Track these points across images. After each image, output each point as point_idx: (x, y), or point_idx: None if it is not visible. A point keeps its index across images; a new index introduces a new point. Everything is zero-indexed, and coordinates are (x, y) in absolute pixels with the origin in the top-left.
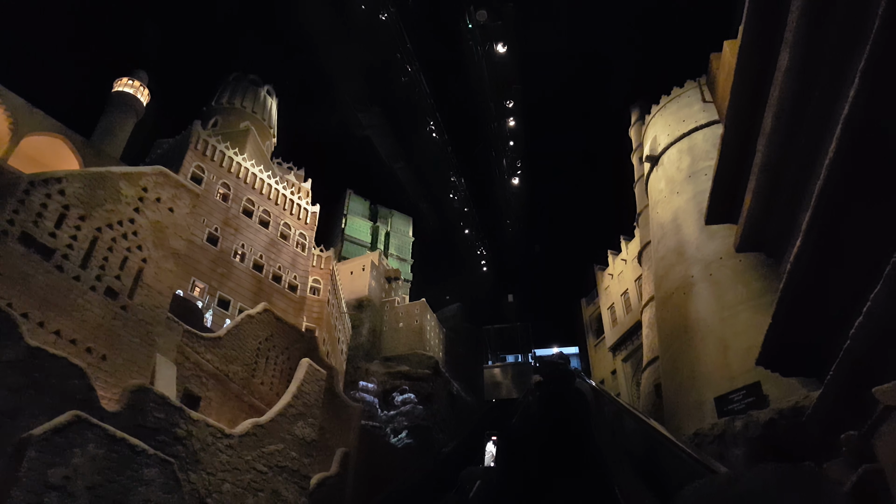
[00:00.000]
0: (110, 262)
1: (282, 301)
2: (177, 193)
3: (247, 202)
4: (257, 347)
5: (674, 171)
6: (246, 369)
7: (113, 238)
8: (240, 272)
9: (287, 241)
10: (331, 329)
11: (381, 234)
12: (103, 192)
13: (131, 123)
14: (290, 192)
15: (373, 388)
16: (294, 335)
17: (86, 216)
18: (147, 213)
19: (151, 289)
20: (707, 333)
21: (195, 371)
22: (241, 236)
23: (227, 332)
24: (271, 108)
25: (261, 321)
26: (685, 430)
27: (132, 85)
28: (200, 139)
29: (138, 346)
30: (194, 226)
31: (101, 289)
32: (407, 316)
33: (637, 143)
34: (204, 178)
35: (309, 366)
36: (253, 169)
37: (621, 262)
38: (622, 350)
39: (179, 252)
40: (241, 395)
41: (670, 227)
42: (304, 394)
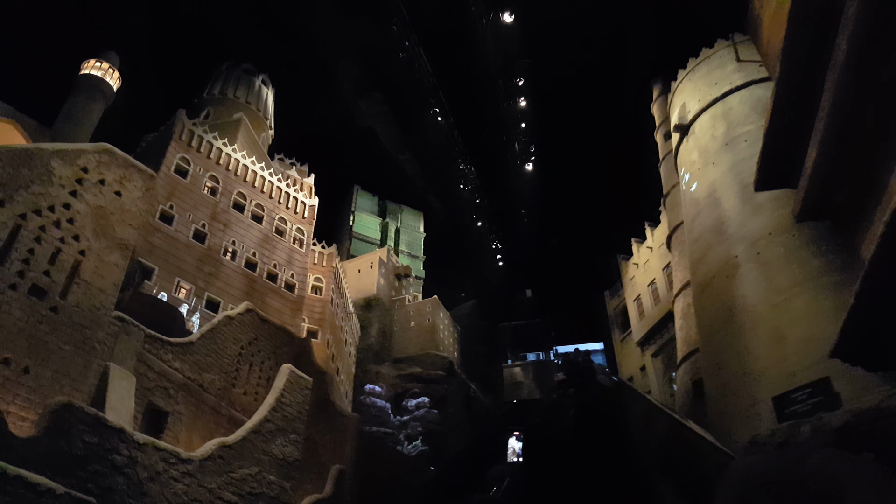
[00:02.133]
0: (37, 255)
1: (277, 301)
2: (126, 174)
3: (237, 195)
4: (238, 353)
5: (707, 140)
6: (224, 378)
7: (41, 226)
8: (230, 271)
9: (283, 237)
10: (336, 330)
11: (391, 230)
12: (29, 171)
13: (99, 109)
14: (285, 185)
15: (382, 391)
16: (282, 338)
17: (5, 200)
18: (87, 198)
19: (91, 286)
20: (757, 322)
21: (160, 382)
22: (232, 232)
23: (200, 337)
24: (267, 98)
25: (242, 323)
26: (737, 435)
27: (100, 67)
28: (185, 129)
29: (71, 355)
30: (179, 221)
31: (23, 287)
32: (418, 314)
33: (660, 119)
34: (189, 171)
35: (290, 373)
36: (244, 160)
37: (647, 250)
38: (651, 344)
39: (128, 242)
40: (218, 407)
41: (706, 204)
42: (284, 406)
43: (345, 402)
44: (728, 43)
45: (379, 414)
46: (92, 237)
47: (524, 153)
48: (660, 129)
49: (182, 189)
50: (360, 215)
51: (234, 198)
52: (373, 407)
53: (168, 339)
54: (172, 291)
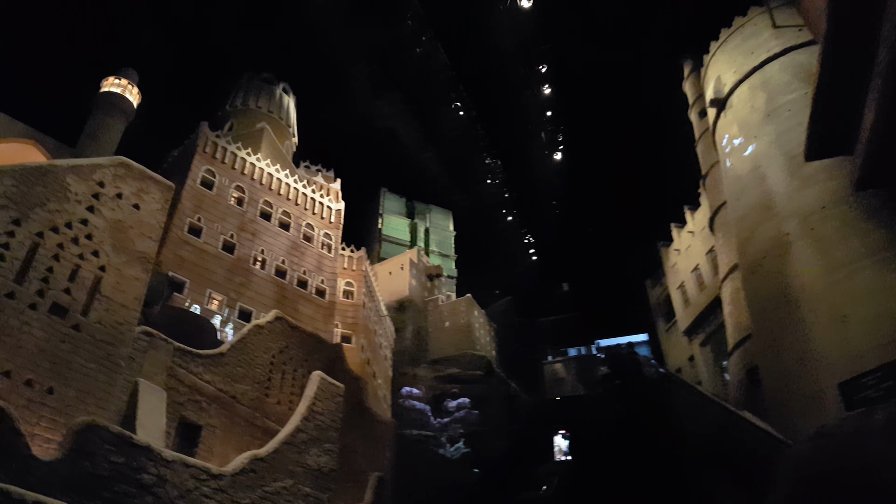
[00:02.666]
0: (56, 273)
1: (309, 308)
2: (143, 187)
3: (264, 204)
4: (270, 362)
5: (747, 113)
6: (257, 388)
7: (59, 244)
8: (260, 280)
9: (311, 243)
10: (369, 334)
11: (420, 230)
12: (44, 189)
13: (120, 126)
14: (310, 191)
15: (419, 394)
16: (313, 344)
17: (21, 219)
18: (104, 212)
19: (112, 301)
20: (815, 302)
21: (192, 396)
22: (260, 241)
23: (230, 348)
24: (289, 106)
25: (272, 331)
26: (801, 425)
27: (119, 84)
28: (209, 141)
29: (95, 373)
30: (208, 233)
31: (44, 306)
32: (452, 314)
33: (694, 97)
34: (215, 183)
35: (321, 380)
36: (269, 169)
37: (688, 234)
38: (699, 333)
39: (149, 255)
40: (251, 418)
41: (750, 180)
42: (316, 414)
43: (383, 406)
44: (762, 9)
45: (419, 417)
46: (111, 252)
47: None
48: (694, 107)
49: (209, 201)
50: (388, 217)
51: (260, 207)
52: (412, 410)
53: (198, 352)
54: (205, 303)
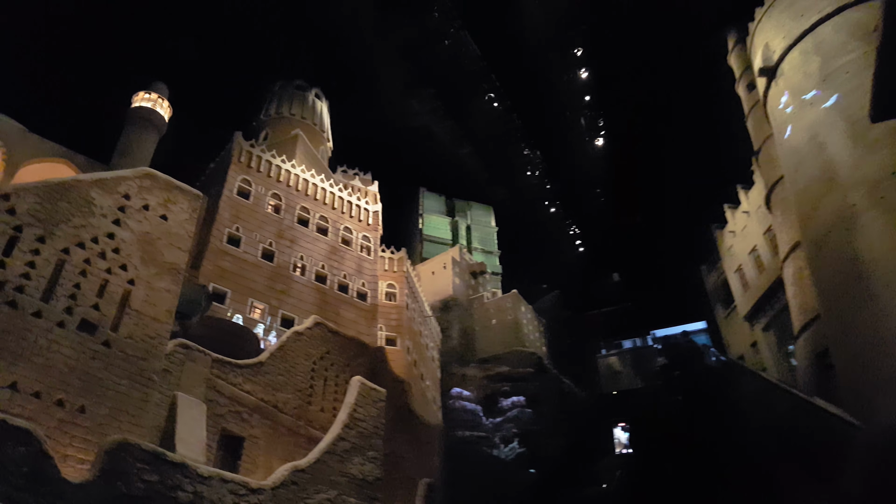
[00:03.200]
0: (84, 289)
1: (351, 312)
2: (170, 197)
3: (301, 210)
4: (311, 368)
5: (800, 79)
6: (299, 396)
7: (86, 259)
8: (301, 286)
9: (350, 247)
10: (414, 335)
11: (462, 228)
12: (68, 205)
13: (152, 140)
14: (346, 194)
15: (469, 394)
16: (355, 349)
17: (46, 236)
18: (131, 225)
19: (143, 315)
20: (889, 277)
21: (233, 407)
22: (299, 247)
23: (269, 356)
24: (322, 111)
25: (312, 337)
26: (877, 409)
27: (150, 98)
28: (243, 151)
29: (128, 390)
30: (246, 242)
31: (72, 323)
32: (499, 311)
33: (740, 70)
34: (252, 192)
35: (361, 385)
36: (304, 175)
37: (743, 215)
38: (761, 317)
39: (179, 266)
40: (295, 427)
41: (808, 150)
42: (357, 421)
43: (433, 408)
44: None
45: (470, 418)
46: (140, 265)
47: (592, 128)
48: (741, 81)
49: (246, 210)
50: (428, 217)
51: (297, 213)
52: (462, 411)
53: (237, 362)
54: (247, 313)
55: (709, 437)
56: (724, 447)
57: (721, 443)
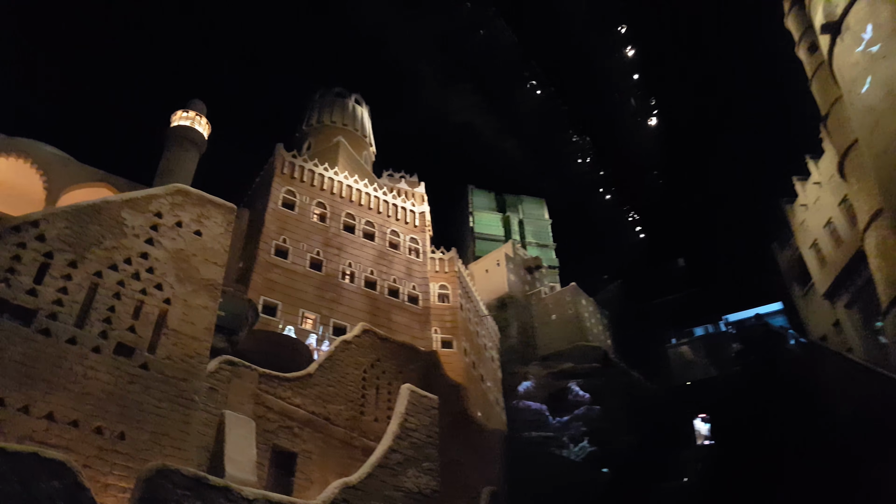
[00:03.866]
0: (119, 312)
1: (403, 316)
2: (203, 212)
3: (346, 217)
4: (362, 377)
5: (869, 31)
6: (351, 407)
7: (119, 281)
8: (351, 294)
9: (398, 250)
10: (471, 336)
11: (514, 223)
12: (99, 227)
13: (193, 159)
14: (391, 197)
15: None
16: (407, 354)
17: (77, 261)
18: (164, 243)
19: (180, 335)
20: None
21: (283, 422)
22: (346, 254)
23: (318, 367)
24: (363, 116)
25: (361, 345)
26: None
27: (188, 116)
28: (286, 162)
29: (168, 412)
30: (294, 253)
31: (108, 348)
32: (558, 306)
33: (800, 32)
34: (296, 202)
35: (411, 393)
36: (347, 181)
37: (814, 186)
38: (842, 294)
39: (216, 282)
40: (349, 439)
41: (885, 107)
42: (409, 431)
43: (496, 410)
44: None
45: (535, 418)
46: (175, 283)
47: (643, 108)
48: (801, 44)
49: (292, 221)
50: (478, 214)
51: (343, 220)
52: (527, 411)
53: (284, 375)
54: (298, 324)
55: (792, 424)
56: (810, 434)
57: (806, 430)
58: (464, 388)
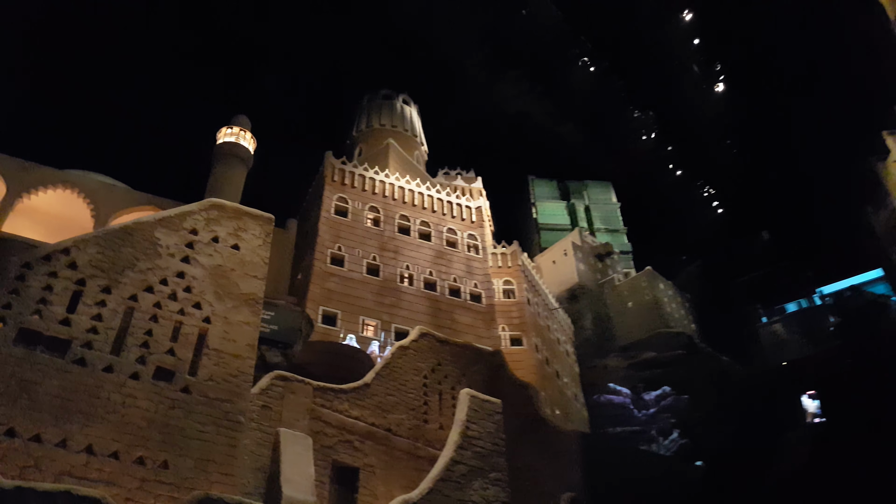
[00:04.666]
0: (156, 335)
1: (466, 316)
2: (240, 225)
3: (400, 219)
4: (422, 384)
5: None
6: (413, 415)
7: (156, 303)
8: (411, 297)
9: (456, 248)
10: (541, 331)
11: (580, 210)
12: (132, 249)
13: (241, 174)
14: (445, 195)
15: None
16: (469, 356)
17: (111, 286)
18: (201, 260)
19: (222, 354)
20: None
21: (342, 436)
22: (403, 257)
23: (375, 376)
24: (412, 116)
25: (419, 350)
26: None
27: (233, 133)
28: (336, 170)
29: (213, 436)
30: (350, 261)
31: (146, 374)
32: (634, 292)
33: None
34: (349, 209)
35: (471, 399)
36: (399, 183)
37: None
38: None
39: (257, 296)
40: (413, 450)
41: None
42: (472, 440)
43: (576, 406)
44: None
45: (619, 412)
46: (214, 301)
47: (707, 74)
48: None
49: (346, 228)
50: (541, 205)
51: (397, 222)
52: (609, 406)
53: (340, 387)
54: (360, 331)
55: None
56: None
57: None
58: (533, 387)
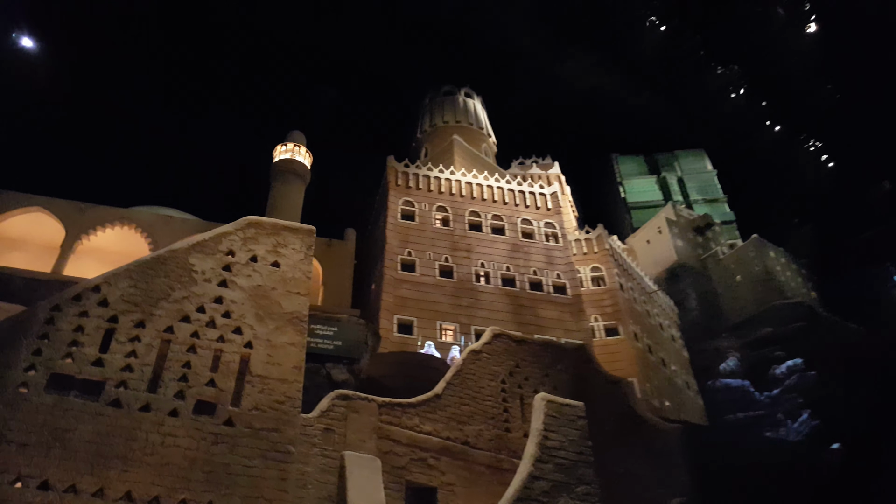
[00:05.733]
0: (195, 367)
1: (551, 310)
2: (279, 241)
3: (471, 216)
4: (500, 389)
5: None
6: (493, 425)
7: (193, 333)
8: (488, 295)
9: (532, 239)
10: (640, 317)
11: (672, 183)
12: (166, 279)
13: (299, 190)
14: (516, 185)
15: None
16: (551, 355)
17: (145, 320)
18: (240, 283)
19: (267, 380)
20: None
21: (414, 454)
22: (477, 255)
23: (446, 386)
24: (475, 109)
25: (494, 353)
26: None
27: (288, 149)
28: (398, 173)
29: (261, 470)
30: (422, 265)
31: (186, 409)
32: (741, 264)
33: None
34: (416, 211)
35: (547, 405)
36: (465, 178)
37: None
38: None
39: (301, 314)
40: (496, 463)
41: None
42: (552, 452)
43: (688, 395)
44: None
45: (738, 397)
46: (256, 323)
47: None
48: None
49: (414, 232)
50: (629, 183)
51: (467, 220)
52: (725, 391)
53: (409, 401)
54: (438, 337)
55: None
56: None
57: None
58: (627, 383)
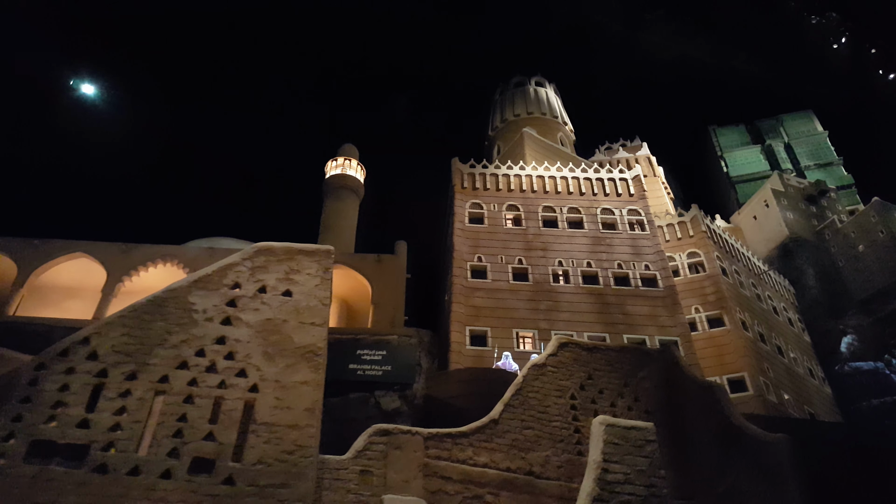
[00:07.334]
0: (191, 420)
1: (641, 306)
2: (292, 266)
3: (544, 211)
4: (570, 406)
5: None
6: (562, 449)
7: (191, 381)
8: (569, 296)
9: (615, 230)
10: (749, 303)
11: (779, 151)
12: (163, 322)
13: (353, 204)
14: (592, 172)
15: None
16: (633, 360)
17: (137, 371)
18: (245, 318)
19: (274, 427)
20: None
21: (467, 491)
22: (553, 253)
23: (504, 408)
24: (547, 97)
25: (561, 365)
26: None
27: (340, 164)
28: (464, 175)
29: None
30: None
31: (181, 469)
32: (863, 232)
33: None
34: (484, 213)
35: (605, 430)
36: (536, 172)
37: None
38: None
39: (318, 348)
40: (567, 494)
41: None
42: (614, 486)
43: (812, 384)
44: None
45: (872, 381)
46: (263, 363)
47: None
48: None
49: (484, 235)
50: (730, 155)
51: (541, 216)
52: (858, 375)
53: (459, 430)
54: (515, 346)
55: None
56: None
57: None
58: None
